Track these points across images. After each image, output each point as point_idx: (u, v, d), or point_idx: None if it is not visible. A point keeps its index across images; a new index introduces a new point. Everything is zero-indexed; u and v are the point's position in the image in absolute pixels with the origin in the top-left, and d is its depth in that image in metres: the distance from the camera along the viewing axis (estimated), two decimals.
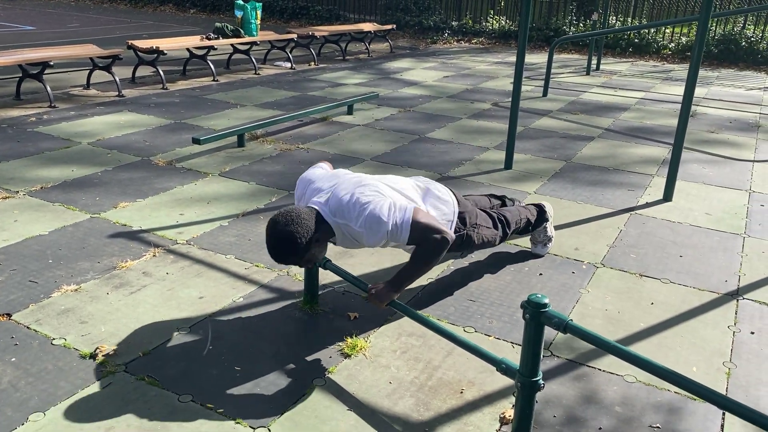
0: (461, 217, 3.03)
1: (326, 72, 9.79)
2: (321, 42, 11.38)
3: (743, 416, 1.72)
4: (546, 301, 2.04)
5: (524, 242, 3.81)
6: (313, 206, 2.58)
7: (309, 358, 2.66)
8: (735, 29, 12.19)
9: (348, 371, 2.58)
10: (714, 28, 12.35)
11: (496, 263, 3.56)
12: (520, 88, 4.98)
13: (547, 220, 3.57)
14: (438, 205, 2.90)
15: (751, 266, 3.61)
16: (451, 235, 2.57)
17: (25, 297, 3.05)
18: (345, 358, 2.67)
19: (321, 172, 2.82)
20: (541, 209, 3.56)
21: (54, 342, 2.71)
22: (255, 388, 2.46)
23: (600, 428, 2.31)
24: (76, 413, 2.29)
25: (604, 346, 1.97)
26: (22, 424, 2.23)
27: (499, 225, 3.26)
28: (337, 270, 2.83)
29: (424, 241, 2.55)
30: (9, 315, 2.89)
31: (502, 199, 3.61)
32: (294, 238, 2.41)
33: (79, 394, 2.39)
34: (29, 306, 2.97)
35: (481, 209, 3.26)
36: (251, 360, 2.64)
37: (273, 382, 2.50)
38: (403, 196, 2.73)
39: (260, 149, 5.59)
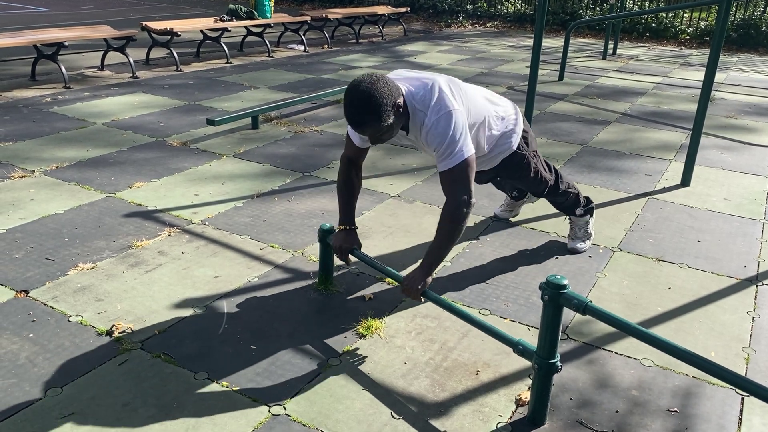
0: (524, 137, 2.96)
1: (339, 55, 9.73)
2: (334, 25, 11.30)
3: (765, 398, 1.70)
4: (565, 282, 2.02)
5: (540, 225, 3.78)
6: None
7: (324, 338, 2.66)
8: (755, 14, 11.98)
9: (363, 351, 2.58)
10: (734, 12, 12.13)
11: (512, 246, 3.54)
12: (537, 71, 4.92)
13: (591, 211, 3.45)
14: (504, 116, 2.85)
15: None
16: (474, 201, 2.47)
17: (42, 274, 3.07)
18: (360, 338, 2.66)
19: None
20: (588, 199, 3.46)
21: (71, 319, 2.72)
22: (270, 367, 2.46)
23: (617, 411, 2.30)
24: (92, 389, 2.30)
25: (624, 328, 1.94)
26: (40, 399, 2.25)
27: (553, 172, 3.19)
28: (366, 259, 2.77)
29: (451, 193, 2.46)
30: (26, 292, 2.91)
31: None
32: (379, 99, 2.28)
33: (96, 370, 2.41)
34: (46, 283, 2.99)
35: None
36: (267, 339, 2.64)
37: (288, 361, 2.50)
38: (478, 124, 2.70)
39: (274, 131, 5.58)
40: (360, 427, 2.18)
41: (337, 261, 3.18)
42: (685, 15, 13.02)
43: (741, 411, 2.32)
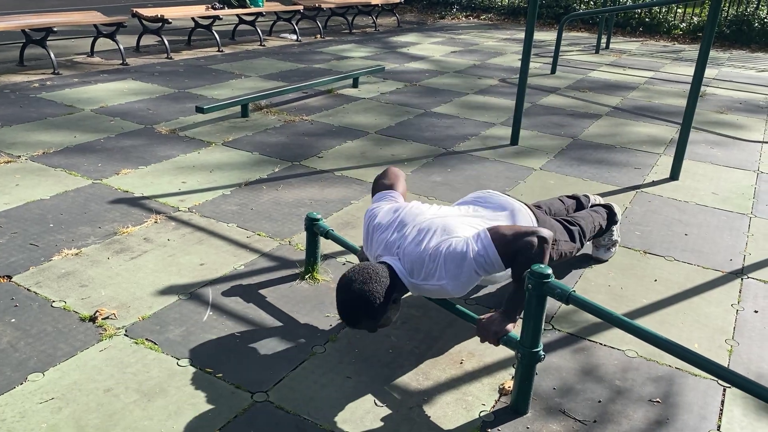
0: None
1: (332, 45, 9.69)
2: (327, 14, 11.24)
3: (745, 388, 1.71)
4: (549, 271, 2.02)
5: None
6: (386, 263, 2.32)
7: (309, 326, 2.65)
8: (748, 10, 12.01)
9: (348, 339, 2.57)
10: (726, 8, 12.16)
11: None
12: (528, 64, 4.91)
13: (615, 222, 3.31)
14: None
15: (757, 246, 3.58)
16: (546, 231, 2.26)
17: (26, 260, 3.04)
18: (345, 326, 2.66)
19: (385, 211, 2.50)
20: (611, 211, 3.29)
21: (54, 304, 2.70)
22: (254, 354, 2.45)
23: (599, 401, 2.30)
24: (74, 374, 2.29)
25: (606, 318, 1.95)
26: (21, 384, 2.23)
27: (577, 237, 3.00)
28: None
29: (520, 249, 2.21)
30: (9, 277, 2.89)
31: (575, 198, 3.33)
32: (373, 298, 2.15)
33: (78, 355, 2.39)
34: (30, 268, 2.96)
35: (555, 219, 2.98)
36: (251, 326, 2.63)
37: (272, 349, 2.49)
38: (470, 226, 2.41)
39: (264, 120, 5.55)
40: (343, 414, 2.18)
41: (323, 250, 3.17)
42: (679, 10, 13.03)
43: (722, 402, 2.33)
